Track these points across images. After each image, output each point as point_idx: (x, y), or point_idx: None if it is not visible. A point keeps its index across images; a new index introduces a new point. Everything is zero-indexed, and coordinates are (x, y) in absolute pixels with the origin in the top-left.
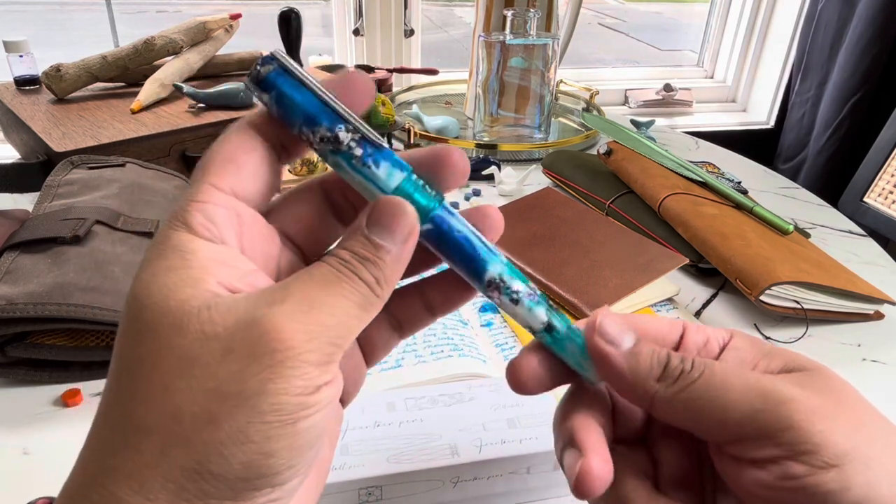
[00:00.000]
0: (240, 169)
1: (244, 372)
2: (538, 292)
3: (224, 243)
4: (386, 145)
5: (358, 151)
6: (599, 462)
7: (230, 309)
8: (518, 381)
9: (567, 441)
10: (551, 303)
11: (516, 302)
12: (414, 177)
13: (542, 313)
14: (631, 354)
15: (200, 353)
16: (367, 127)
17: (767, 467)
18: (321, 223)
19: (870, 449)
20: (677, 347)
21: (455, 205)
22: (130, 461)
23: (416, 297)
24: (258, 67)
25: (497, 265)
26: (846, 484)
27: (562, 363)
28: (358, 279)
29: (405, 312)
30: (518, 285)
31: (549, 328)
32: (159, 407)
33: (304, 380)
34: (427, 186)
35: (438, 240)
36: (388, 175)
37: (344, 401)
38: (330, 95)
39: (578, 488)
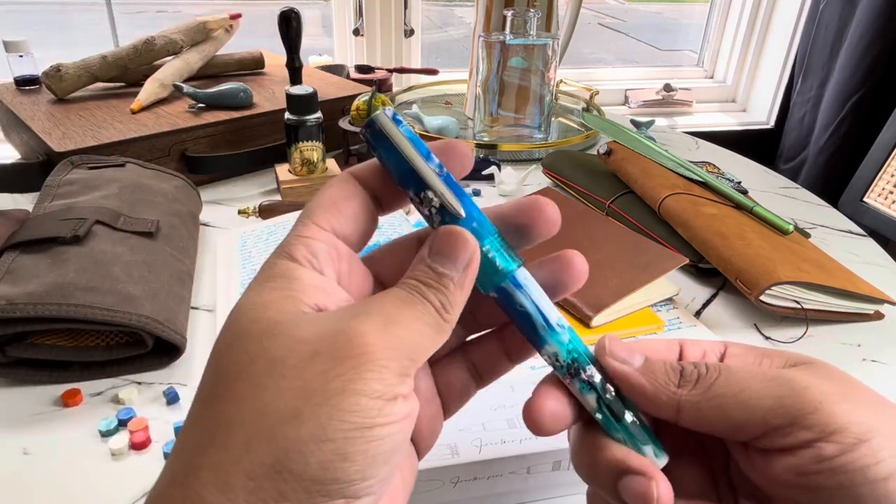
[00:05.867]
0: (340, 212)
1: (328, 373)
2: (596, 377)
3: (323, 274)
4: (463, 213)
5: (436, 218)
6: (666, 485)
7: (318, 320)
8: (536, 422)
9: (620, 472)
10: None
11: (570, 379)
12: (486, 246)
13: (592, 400)
14: (646, 368)
15: (288, 354)
16: (451, 193)
17: (799, 453)
18: None
19: (889, 422)
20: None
21: None
22: (217, 458)
23: (496, 344)
24: (363, 129)
25: (552, 346)
26: (878, 457)
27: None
28: (427, 302)
29: (484, 359)
30: (572, 364)
31: (600, 411)
32: (248, 403)
33: (382, 384)
34: (503, 252)
35: (504, 307)
36: None
37: (419, 451)
38: (419, 160)
39: None
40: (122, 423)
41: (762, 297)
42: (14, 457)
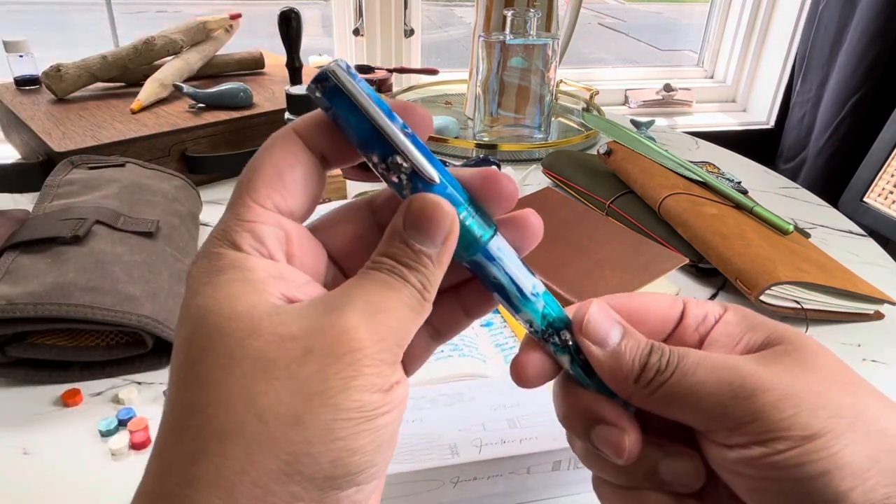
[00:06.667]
0: (285, 186)
1: (325, 371)
2: (570, 342)
3: (275, 259)
4: (437, 178)
5: (407, 185)
6: (637, 436)
7: (299, 314)
8: (523, 377)
9: (593, 420)
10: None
11: (545, 342)
12: (463, 213)
13: (565, 360)
14: (613, 356)
15: (278, 354)
16: (422, 156)
17: (735, 449)
18: (367, 243)
19: (838, 422)
20: (678, 323)
21: None
22: (214, 468)
23: (453, 301)
24: (313, 85)
25: (526, 314)
26: (808, 458)
27: None
28: (408, 284)
29: (443, 318)
30: (546, 330)
31: (573, 369)
32: (241, 408)
33: (381, 377)
34: (478, 218)
35: (479, 275)
36: None
37: None
38: (384, 119)
39: (619, 455)
40: (122, 423)
41: (762, 297)
42: (14, 457)
